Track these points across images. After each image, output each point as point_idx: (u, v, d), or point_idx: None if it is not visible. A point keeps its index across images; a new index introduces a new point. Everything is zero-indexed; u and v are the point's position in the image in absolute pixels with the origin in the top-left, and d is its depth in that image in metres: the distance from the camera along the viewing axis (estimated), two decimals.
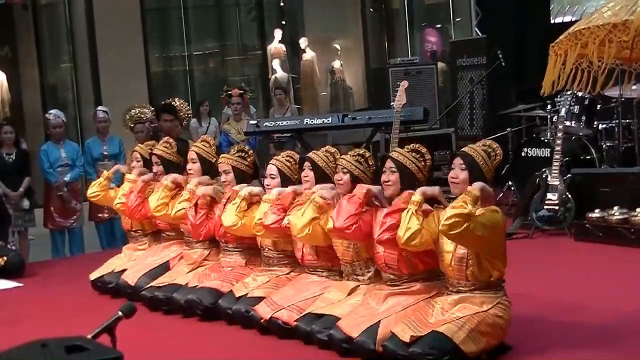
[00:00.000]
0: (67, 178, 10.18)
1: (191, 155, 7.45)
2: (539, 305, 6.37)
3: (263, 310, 6.11)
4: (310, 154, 6.50)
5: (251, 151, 7.24)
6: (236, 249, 7.00)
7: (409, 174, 5.63)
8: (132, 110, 10.42)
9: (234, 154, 7.09)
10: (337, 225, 5.66)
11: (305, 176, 6.38)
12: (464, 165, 5.38)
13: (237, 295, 6.48)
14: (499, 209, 5.24)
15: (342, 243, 5.97)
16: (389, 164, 5.69)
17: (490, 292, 5.21)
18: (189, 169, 7.44)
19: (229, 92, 11.16)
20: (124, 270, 7.69)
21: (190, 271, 7.23)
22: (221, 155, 7.25)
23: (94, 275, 7.90)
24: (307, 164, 6.39)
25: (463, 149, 5.55)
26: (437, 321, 5.17)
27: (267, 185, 6.69)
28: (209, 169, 7.39)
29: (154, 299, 7.04)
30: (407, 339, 5.10)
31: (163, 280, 7.23)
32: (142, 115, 10.39)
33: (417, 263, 5.50)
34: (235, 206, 6.65)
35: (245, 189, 6.76)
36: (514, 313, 5.33)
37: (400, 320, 5.31)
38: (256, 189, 6.77)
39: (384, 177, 5.72)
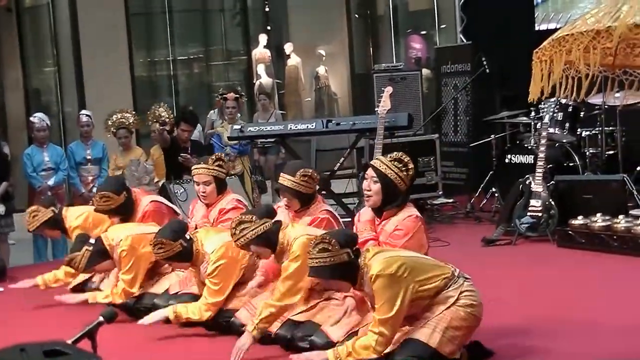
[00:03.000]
0: (50, 182, 10.13)
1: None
2: (522, 312, 6.38)
3: (244, 317, 6.09)
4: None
5: (229, 157, 7.21)
6: None
7: (391, 184, 5.60)
8: (114, 116, 10.40)
9: (213, 163, 7.05)
10: None
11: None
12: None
13: None
14: (385, 262, 5.06)
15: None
16: (371, 172, 5.66)
17: (448, 290, 5.14)
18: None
19: (225, 96, 11.12)
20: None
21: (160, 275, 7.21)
22: (195, 167, 7.19)
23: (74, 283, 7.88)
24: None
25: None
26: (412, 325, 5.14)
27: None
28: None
29: (135, 310, 6.99)
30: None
31: (143, 288, 7.19)
32: (124, 120, 10.39)
33: None
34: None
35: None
36: (496, 319, 5.34)
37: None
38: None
39: (365, 185, 5.69)
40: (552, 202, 8.94)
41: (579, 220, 8.66)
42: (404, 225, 5.63)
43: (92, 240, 7.19)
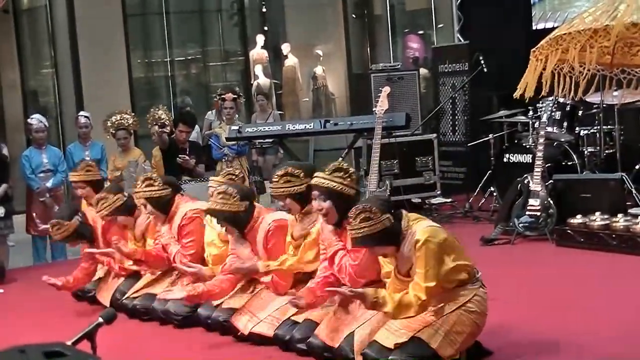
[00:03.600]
0: (49, 184, 10.14)
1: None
2: (520, 311, 6.38)
3: (242, 324, 6.09)
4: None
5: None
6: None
7: (339, 196, 5.54)
8: (113, 117, 10.42)
9: (142, 185, 6.99)
10: None
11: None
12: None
13: (214, 304, 6.47)
14: (429, 230, 5.15)
15: None
16: (316, 192, 5.60)
17: (466, 287, 5.18)
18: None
19: (222, 96, 11.13)
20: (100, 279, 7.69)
21: (162, 274, 7.20)
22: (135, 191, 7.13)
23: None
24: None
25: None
26: (418, 323, 5.14)
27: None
28: None
29: (133, 309, 7.01)
30: (390, 344, 5.08)
31: (138, 289, 7.19)
32: (124, 122, 10.40)
33: None
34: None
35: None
36: (495, 318, 5.34)
37: (379, 325, 5.28)
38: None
39: (315, 205, 5.62)
40: (551, 201, 8.95)
41: (578, 219, 8.66)
42: None
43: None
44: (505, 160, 10.29)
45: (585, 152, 10.04)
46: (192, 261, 6.73)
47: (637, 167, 9.60)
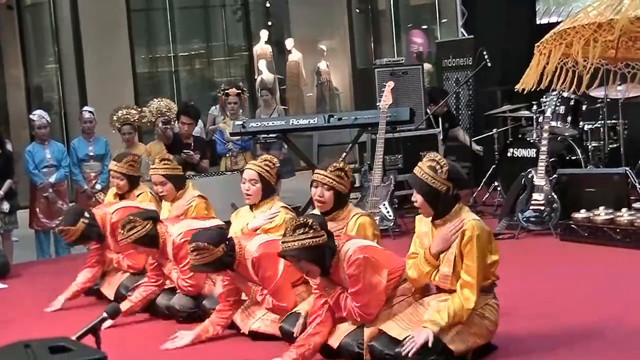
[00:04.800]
0: (52, 179, 10.15)
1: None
2: (525, 306, 6.37)
3: (240, 322, 6.10)
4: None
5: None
6: None
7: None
8: (120, 112, 10.46)
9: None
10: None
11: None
12: (415, 189, 5.39)
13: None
14: (477, 226, 5.13)
15: None
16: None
17: (481, 294, 5.16)
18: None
19: (226, 92, 11.13)
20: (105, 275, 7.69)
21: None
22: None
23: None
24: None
25: (413, 171, 5.48)
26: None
27: (247, 190, 6.53)
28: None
29: None
30: (400, 336, 5.06)
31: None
32: (129, 117, 10.43)
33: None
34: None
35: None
36: (499, 314, 5.32)
37: (388, 319, 5.27)
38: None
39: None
40: (555, 196, 8.93)
41: (582, 214, 8.65)
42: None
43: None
44: (509, 154, 10.27)
45: (590, 146, 10.03)
46: (192, 283, 6.66)
47: None
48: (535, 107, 10.08)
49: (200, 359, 5.84)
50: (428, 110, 11.50)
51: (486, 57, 10.94)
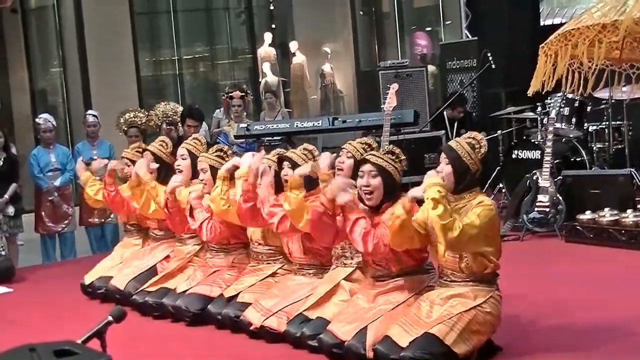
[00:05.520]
0: (57, 183, 10.15)
1: (181, 151, 7.40)
2: (530, 307, 6.37)
3: (253, 316, 6.09)
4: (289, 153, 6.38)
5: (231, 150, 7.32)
6: (222, 250, 6.97)
7: (390, 177, 5.45)
8: (127, 114, 10.48)
9: (213, 153, 7.05)
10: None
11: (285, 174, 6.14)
12: (447, 160, 5.27)
13: (227, 297, 6.47)
14: (492, 204, 5.18)
15: None
16: (368, 167, 5.46)
17: (484, 285, 5.16)
18: (178, 166, 7.32)
19: (231, 94, 11.14)
20: (112, 277, 7.68)
21: (178, 269, 7.21)
22: (201, 154, 7.19)
23: (87, 280, 7.86)
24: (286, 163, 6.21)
25: (449, 143, 5.49)
26: (430, 319, 5.12)
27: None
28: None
29: (145, 305, 7.02)
30: (404, 343, 5.04)
31: (153, 283, 7.21)
32: (137, 120, 10.44)
33: (407, 260, 5.45)
34: (218, 189, 6.55)
35: (222, 167, 6.65)
36: (504, 314, 5.32)
37: (392, 321, 5.27)
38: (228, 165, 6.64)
39: (362, 182, 5.46)
40: (560, 197, 8.93)
41: (587, 215, 8.65)
42: None
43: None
44: (513, 156, 10.27)
45: (594, 147, 10.03)
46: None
47: None
48: (539, 108, 10.08)
49: None
50: (445, 114, 11.50)
51: (490, 58, 10.96)
